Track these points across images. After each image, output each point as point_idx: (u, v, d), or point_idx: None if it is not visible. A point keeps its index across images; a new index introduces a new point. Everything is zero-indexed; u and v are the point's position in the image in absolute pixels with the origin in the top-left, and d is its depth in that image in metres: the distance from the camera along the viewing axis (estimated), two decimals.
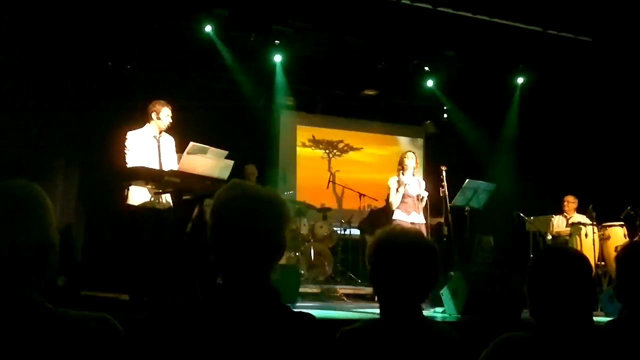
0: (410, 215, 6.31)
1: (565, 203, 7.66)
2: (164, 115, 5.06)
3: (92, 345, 1.29)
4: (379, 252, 1.78)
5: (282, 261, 6.52)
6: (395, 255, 1.74)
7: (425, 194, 6.37)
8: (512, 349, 1.69)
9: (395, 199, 6.33)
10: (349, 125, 10.59)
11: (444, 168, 6.24)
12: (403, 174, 6.37)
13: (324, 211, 8.99)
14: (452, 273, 5.72)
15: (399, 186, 6.31)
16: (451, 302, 5.10)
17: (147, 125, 5.08)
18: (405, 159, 6.38)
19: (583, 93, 8.48)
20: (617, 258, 2.11)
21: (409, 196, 6.31)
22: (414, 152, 6.58)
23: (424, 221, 6.42)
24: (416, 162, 6.45)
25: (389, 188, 6.40)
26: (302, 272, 7.74)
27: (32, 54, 6.16)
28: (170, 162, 5.02)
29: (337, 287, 7.59)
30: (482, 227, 8.25)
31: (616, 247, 6.34)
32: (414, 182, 6.40)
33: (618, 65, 7.89)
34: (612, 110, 8.28)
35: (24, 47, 6.07)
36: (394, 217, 6.32)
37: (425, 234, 5.93)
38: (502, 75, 8.92)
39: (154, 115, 5.04)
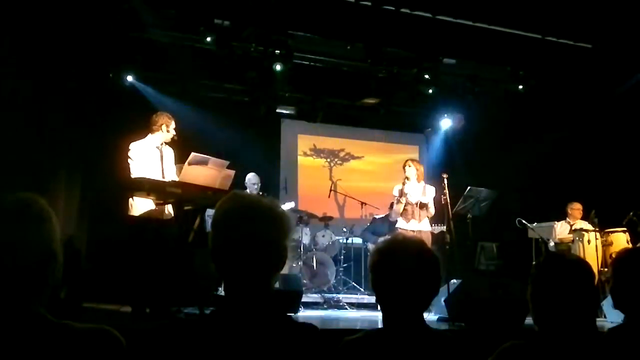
0: (410, 223, 6.34)
1: (570, 210, 7.63)
2: (172, 128, 5.12)
3: (94, 357, 1.29)
4: (381, 261, 1.78)
5: (285, 270, 6.50)
6: (397, 264, 1.74)
7: (427, 201, 6.39)
8: (516, 356, 1.68)
9: (396, 208, 6.38)
10: (349, 134, 10.61)
11: (445, 176, 6.24)
12: (407, 182, 6.40)
13: (326, 220, 8.99)
14: (454, 281, 5.71)
15: (401, 196, 6.35)
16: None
17: (149, 135, 5.11)
18: (405, 168, 6.43)
19: (584, 99, 8.49)
20: (613, 264, 2.08)
21: (409, 204, 6.35)
22: (414, 161, 6.62)
23: (426, 228, 6.43)
24: (417, 169, 6.46)
25: (394, 197, 6.46)
26: (305, 281, 7.74)
27: (32, 65, 6.19)
28: (171, 172, 5.05)
29: (340, 296, 7.58)
30: (484, 235, 8.24)
31: (610, 254, 6.33)
32: (416, 190, 6.41)
33: (618, 71, 7.90)
34: (613, 116, 8.28)
35: (25, 58, 6.09)
36: (396, 226, 6.41)
37: (428, 241, 5.93)
38: (502, 82, 8.94)
39: (163, 127, 5.09)
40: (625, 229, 6.76)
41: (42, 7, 6.10)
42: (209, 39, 7.41)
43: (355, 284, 8.45)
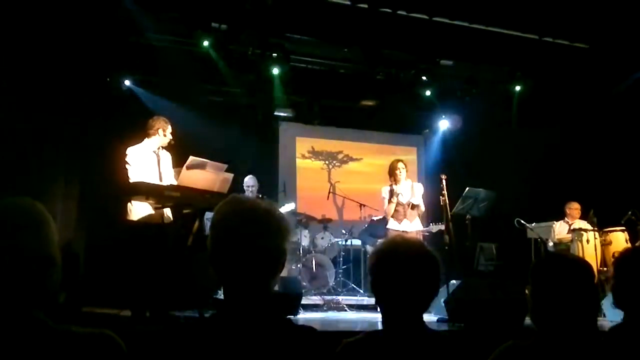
0: (402, 224, 6.34)
1: (568, 210, 7.63)
2: (168, 132, 5.13)
3: None
4: (380, 263, 1.78)
5: (284, 273, 6.50)
6: (396, 266, 1.73)
7: (417, 202, 6.38)
8: (515, 356, 1.68)
9: (388, 209, 6.38)
10: (348, 136, 10.61)
11: (443, 177, 6.24)
12: (396, 184, 6.40)
13: (325, 222, 8.99)
14: (453, 282, 5.71)
15: (392, 196, 6.35)
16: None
17: (146, 140, 5.11)
18: (399, 170, 6.41)
19: (581, 99, 8.51)
20: (615, 263, 2.10)
21: (400, 204, 6.36)
22: (402, 161, 6.60)
23: (418, 228, 6.42)
24: (407, 170, 6.48)
25: (383, 198, 6.45)
26: (304, 283, 7.73)
27: (30, 70, 6.18)
28: (168, 176, 5.06)
29: (339, 297, 7.57)
30: (483, 235, 8.25)
31: (613, 253, 6.33)
32: (406, 190, 6.42)
33: (615, 71, 7.92)
34: (610, 116, 8.29)
35: (22, 63, 6.09)
36: (387, 227, 6.39)
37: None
38: (499, 83, 8.95)
39: (160, 132, 5.10)
40: (624, 228, 6.76)
41: (40, 11, 6.10)
42: (206, 42, 7.42)
43: (354, 286, 8.45)
